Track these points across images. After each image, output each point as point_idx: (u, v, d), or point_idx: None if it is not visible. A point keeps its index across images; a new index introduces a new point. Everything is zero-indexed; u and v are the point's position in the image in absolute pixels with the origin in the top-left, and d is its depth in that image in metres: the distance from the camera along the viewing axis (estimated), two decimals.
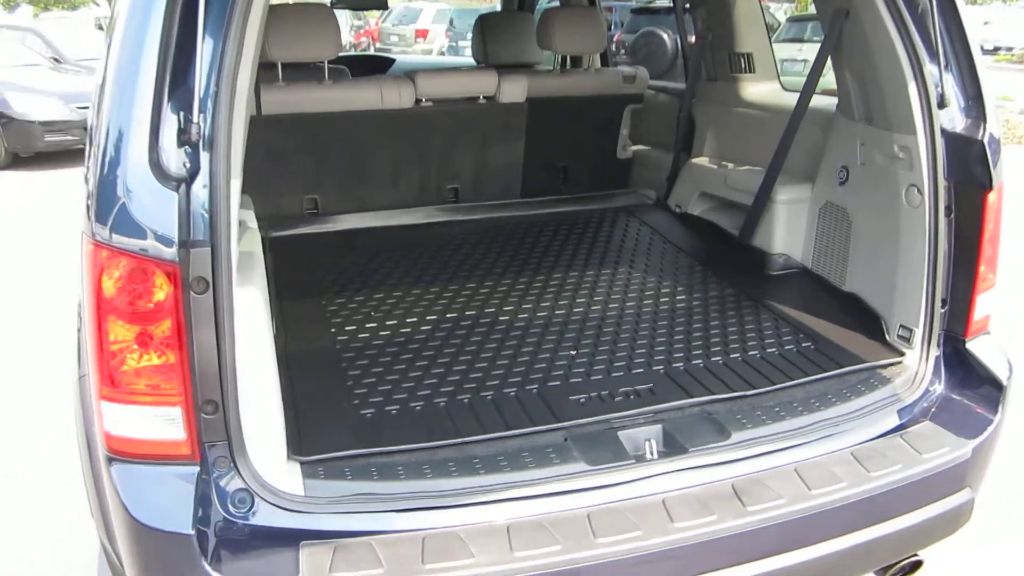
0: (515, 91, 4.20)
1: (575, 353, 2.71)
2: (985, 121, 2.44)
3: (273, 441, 2.05)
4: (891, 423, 2.33)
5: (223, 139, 1.81)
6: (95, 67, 2.38)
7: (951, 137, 2.45)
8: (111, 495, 1.92)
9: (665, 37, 5.90)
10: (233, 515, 1.90)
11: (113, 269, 1.82)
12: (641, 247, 3.76)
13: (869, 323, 2.75)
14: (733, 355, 2.67)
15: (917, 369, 2.50)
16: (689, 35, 4.42)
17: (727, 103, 4.02)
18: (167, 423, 1.89)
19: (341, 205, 4.14)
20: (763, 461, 2.16)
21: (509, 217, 4.19)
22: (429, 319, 2.98)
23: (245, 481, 1.92)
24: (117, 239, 1.79)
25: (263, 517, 1.92)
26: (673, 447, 2.18)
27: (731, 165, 3.90)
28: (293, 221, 4.00)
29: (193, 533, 1.84)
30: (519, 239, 3.87)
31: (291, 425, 2.20)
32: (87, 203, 1.84)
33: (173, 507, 1.88)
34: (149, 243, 1.79)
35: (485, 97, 4.19)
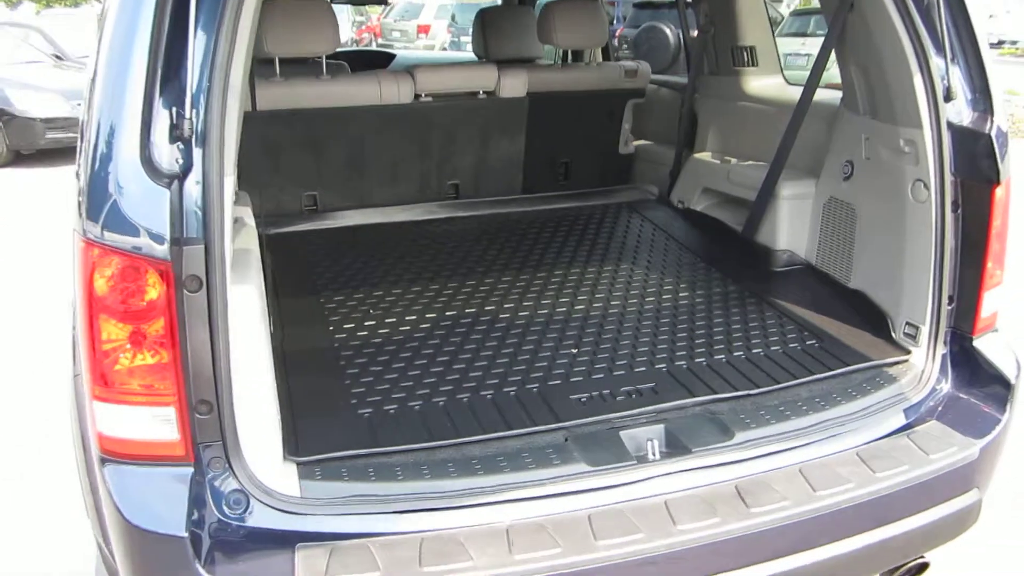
0: (515, 86, 4.17)
1: (576, 352, 2.68)
2: (992, 114, 2.41)
3: (269, 441, 2.03)
4: (897, 423, 2.31)
5: (216, 135, 1.79)
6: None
7: (958, 131, 2.42)
8: (104, 496, 1.90)
9: (667, 31, 5.87)
10: (228, 517, 1.88)
11: (105, 267, 1.79)
12: (643, 243, 3.73)
13: (874, 320, 2.72)
14: (737, 353, 2.64)
15: (923, 367, 2.47)
16: (692, 29, 4.38)
17: (730, 97, 3.99)
18: (161, 423, 1.87)
19: (340, 201, 4.11)
20: (767, 462, 2.13)
21: (510, 213, 4.16)
22: (428, 317, 2.95)
23: (240, 482, 1.90)
24: (108, 237, 1.77)
25: (258, 519, 1.89)
26: (676, 447, 2.16)
27: (734, 160, 3.87)
28: (292, 218, 3.98)
29: (187, 535, 1.82)
30: (520, 235, 3.84)
31: (287, 425, 2.18)
32: (78, 200, 1.81)
33: (166, 509, 1.86)
34: (141, 241, 1.77)
35: (485, 92, 4.16)
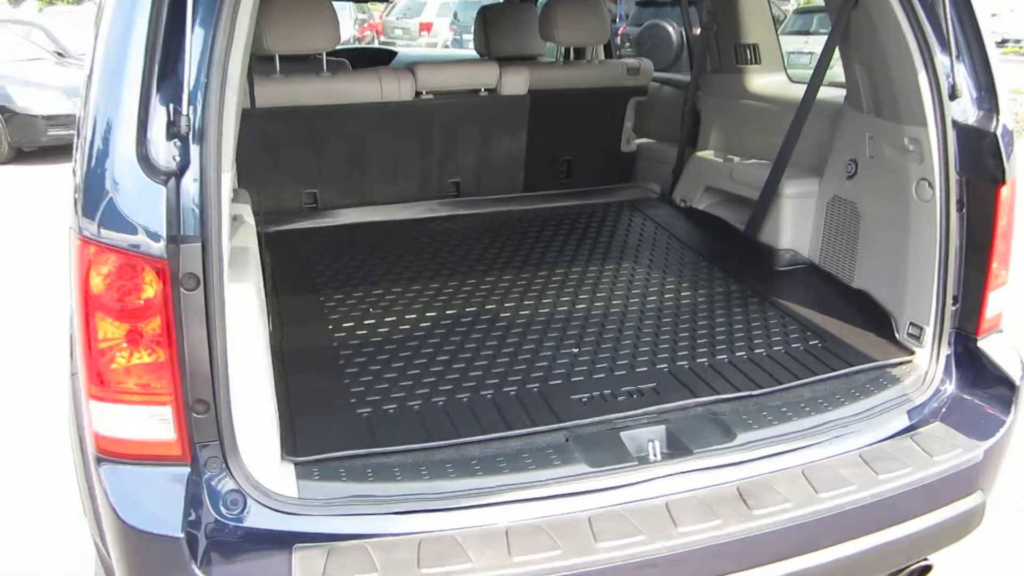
0: (517, 83, 4.15)
1: (577, 351, 2.66)
2: (998, 113, 2.39)
3: (266, 441, 2.02)
4: (901, 424, 2.29)
5: (213, 132, 1.77)
6: None
7: (963, 129, 2.40)
8: (100, 496, 1.89)
9: (670, 29, 5.85)
10: (224, 517, 1.87)
11: (101, 265, 1.78)
12: (645, 242, 3.71)
13: (878, 321, 2.70)
14: (739, 353, 2.62)
15: (927, 368, 2.46)
16: (694, 27, 4.36)
17: (733, 95, 3.96)
18: (157, 423, 1.85)
19: (341, 199, 4.10)
20: (769, 463, 2.11)
21: (511, 211, 4.14)
22: (429, 316, 2.93)
23: (237, 482, 1.88)
24: (105, 234, 1.76)
25: (255, 519, 1.88)
26: (677, 448, 2.14)
27: (737, 158, 3.84)
28: (292, 215, 3.96)
29: (183, 536, 1.81)
30: (521, 234, 3.82)
31: (285, 425, 2.16)
32: (74, 197, 1.80)
33: (162, 509, 1.84)
34: (137, 238, 1.75)
35: (487, 89, 4.14)
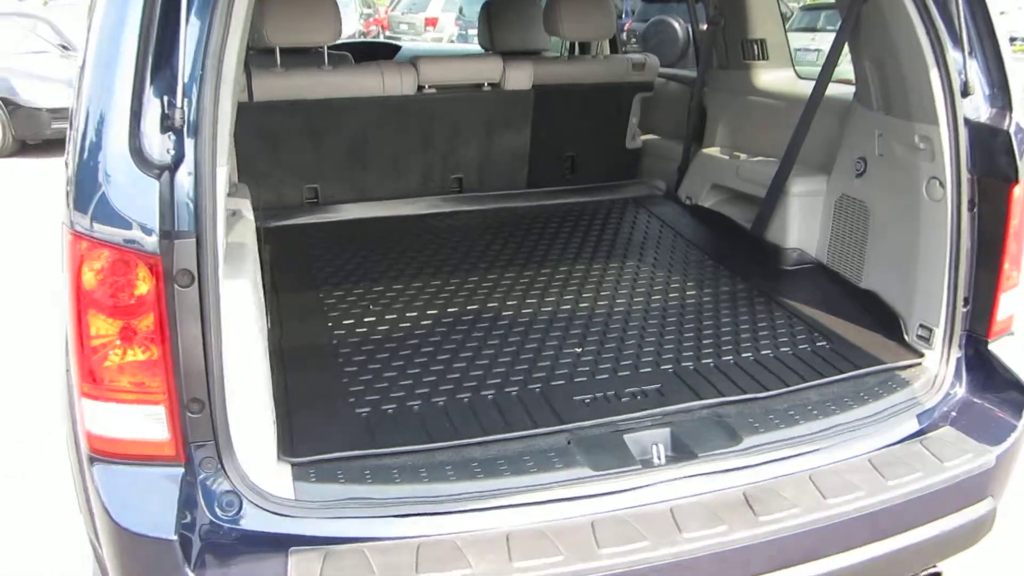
0: (520, 78, 4.11)
1: (580, 351, 2.63)
2: (1011, 110, 2.36)
3: (262, 441, 1.99)
4: (910, 428, 2.25)
5: (208, 125, 1.74)
6: None
7: (975, 127, 2.36)
8: (92, 496, 1.87)
9: (676, 25, 5.80)
10: (219, 519, 1.84)
11: (94, 261, 1.75)
12: (650, 240, 3.67)
13: (887, 322, 2.66)
14: (745, 355, 2.59)
15: (937, 371, 2.42)
16: (701, 22, 4.32)
17: (740, 91, 3.92)
18: (151, 422, 1.83)
19: (342, 194, 4.06)
20: (776, 468, 2.08)
21: (514, 208, 4.11)
22: (430, 314, 2.90)
23: (232, 483, 1.86)
24: (97, 229, 1.73)
25: (250, 521, 1.85)
26: (681, 452, 2.11)
27: (743, 156, 3.81)
28: (292, 211, 3.93)
29: (176, 538, 1.78)
30: (524, 231, 3.79)
31: (282, 424, 2.13)
32: (66, 190, 1.76)
33: (156, 511, 1.82)
34: (129, 234, 1.73)
35: (490, 84, 4.11)
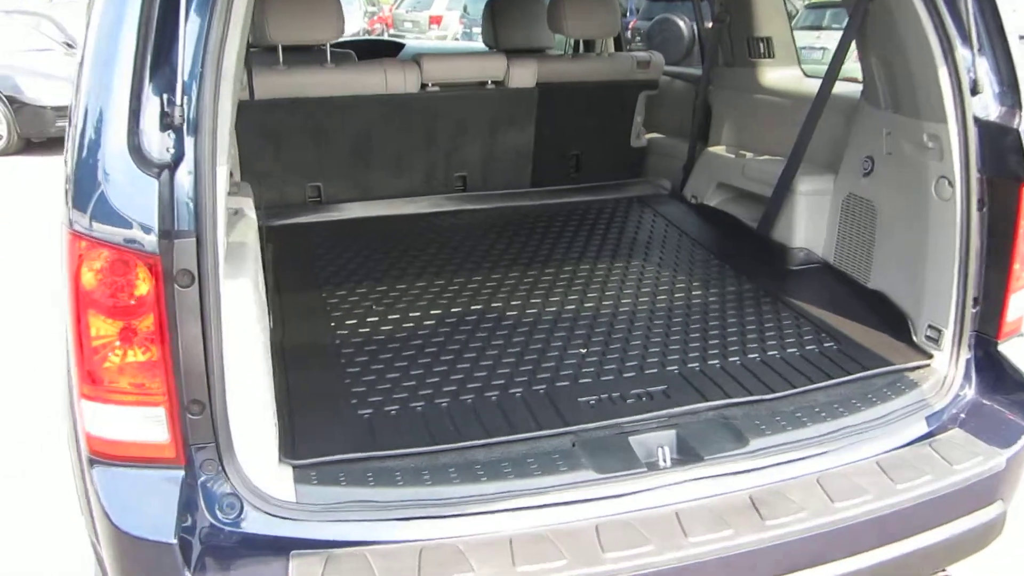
0: (524, 76, 4.09)
1: (585, 352, 2.60)
2: (1021, 109, 2.34)
3: (264, 443, 1.97)
4: (919, 430, 2.23)
5: (208, 123, 1.73)
6: None
7: (984, 125, 2.34)
8: (92, 499, 1.85)
9: (681, 24, 5.77)
10: (220, 522, 1.83)
11: (93, 260, 1.73)
12: (655, 239, 3.65)
13: (895, 323, 2.64)
14: (751, 355, 2.56)
15: (946, 372, 2.40)
16: (706, 20, 4.29)
17: (746, 89, 3.90)
18: (151, 424, 1.81)
19: (345, 193, 4.05)
20: (783, 471, 2.05)
21: (518, 207, 4.09)
22: (433, 314, 2.88)
23: (233, 486, 1.84)
24: (96, 228, 1.71)
25: (251, 524, 1.84)
26: (687, 454, 2.08)
27: (749, 154, 3.79)
28: (295, 209, 3.91)
29: (175, 542, 1.77)
30: (528, 230, 3.76)
31: (284, 426, 2.11)
32: (65, 188, 1.74)
33: (155, 513, 1.80)
34: (129, 233, 1.71)
35: (494, 82, 4.09)
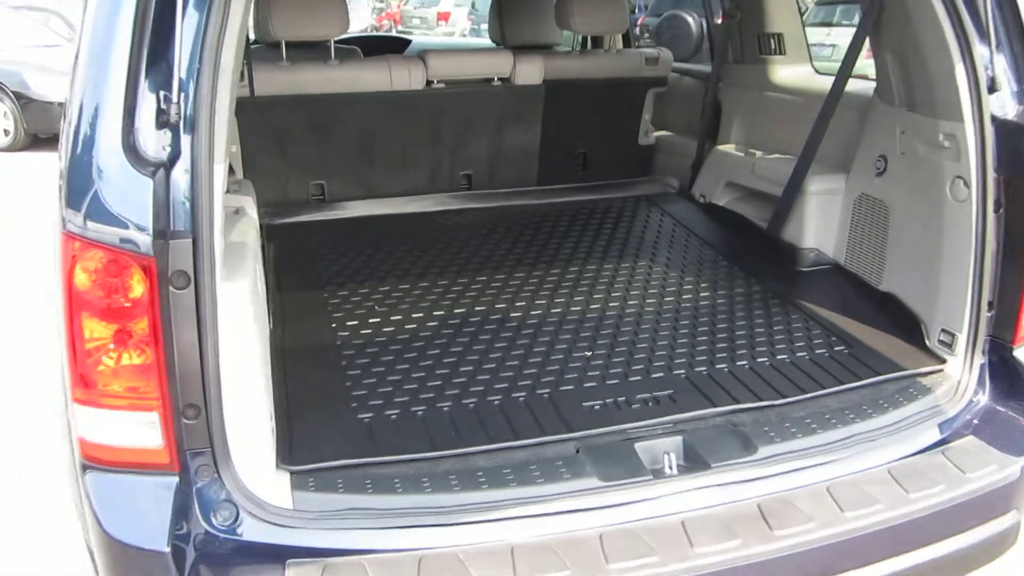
0: (531, 73, 4.05)
1: (590, 355, 2.56)
2: None
3: (261, 448, 1.94)
4: (931, 438, 2.18)
5: (205, 121, 1.69)
6: None
7: (1002, 125, 2.29)
8: (85, 505, 1.82)
9: (690, 20, 5.72)
10: (215, 529, 1.80)
11: (87, 261, 1.69)
12: (663, 239, 3.61)
13: (907, 326, 2.59)
14: (760, 359, 2.52)
15: (960, 378, 2.35)
16: (716, 16, 4.23)
17: (756, 87, 3.85)
18: (145, 429, 1.78)
19: (348, 191, 4.01)
20: (792, 479, 2.01)
21: (524, 206, 4.05)
22: (436, 315, 2.84)
23: (229, 492, 1.81)
24: (90, 228, 1.67)
25: (247, 532, 1.81)
26: (694, 462, 2.04)
27: (759, 153, 3.74)
28: (298, 208, 3.88)
29: (168, 550, 1.74)
30: (534, 229, 3.72)
31: (282, 430, 2.08)
32: (59, 184, 1.71)
33: (148, 521, 1.78)
34: (123, 233, 1.68)
35: (500, 79, 4.05)
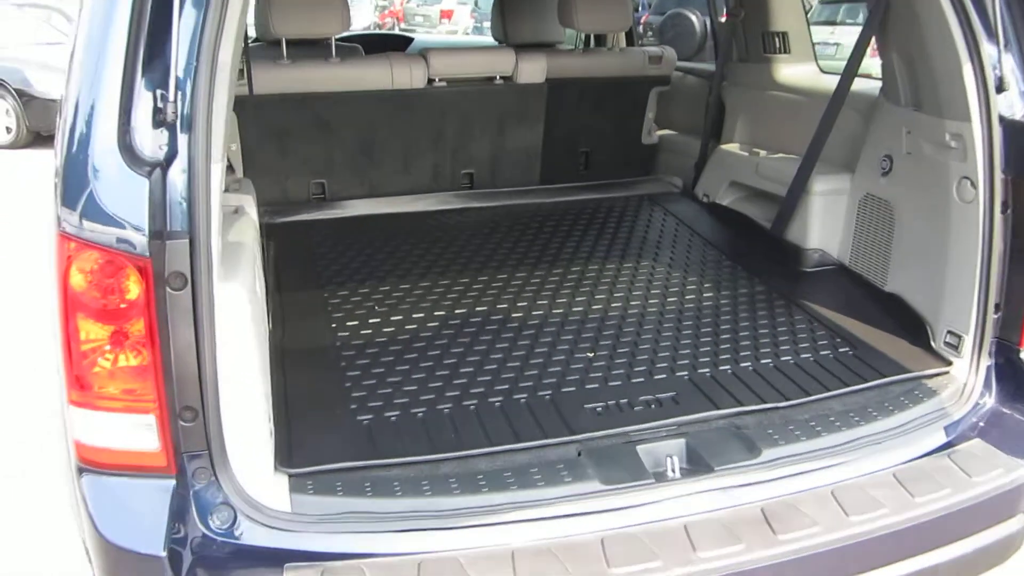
0: (533, 71, 4.03)
1: (592, 356, 2.55)
2: None
3: (259, 451, 1.93)
4: (937, 440, 2.16)
5: (203, 120, 1.67)
6: None
7: (1010, 125, 2.28)
8: (81, 508, 1.80)
9: (694, 19, 5.70)
10: (212, 532, 1.79)
11: (83, 262, 1.68)
12: (666, 239, 3.58)
13: (913, 328, 2.57)
14: (764, 361, 2.50)
15: (966, 380, 2.33)
16: (720, 15, 4.20)
17: (760, 86, 3.82)
18: (141, 431, 1.76)
19: (349, 190, 4.00)
20: (796, 482, 1.99)
21: (526, 205, 4.03)
22: (437, 315, 2.82)
23: (226, 495, 1.80)
24: (86, 229, 1.65)
25: (245, 535, 1.80)
26: (697, 465, 2.02)
27: (763, 152, 3.72)
28: (298, 207, 3.86)
29: (164, 554, 1.72)
30: (536, 229, 3.70)
31: (280, 432, 2.07)
32: (54, 182, 1.69)
33: (145, 525, 1.77)
34: (119, 234, 1.66)
35: (502, 77, 4.03)
